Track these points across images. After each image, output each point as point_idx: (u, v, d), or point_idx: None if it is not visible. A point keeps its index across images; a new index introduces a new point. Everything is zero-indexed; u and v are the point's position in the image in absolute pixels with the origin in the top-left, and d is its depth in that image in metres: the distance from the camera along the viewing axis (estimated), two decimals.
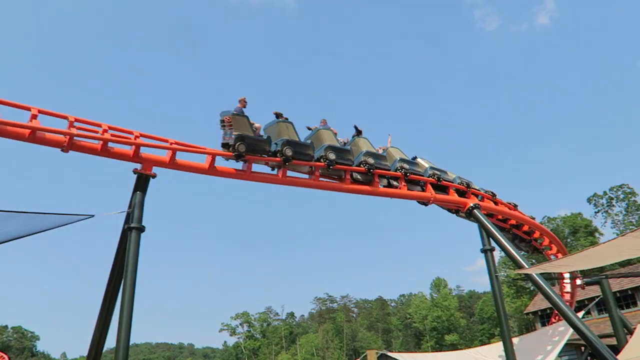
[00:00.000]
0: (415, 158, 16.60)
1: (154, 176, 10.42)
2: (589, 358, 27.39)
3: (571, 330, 17.46)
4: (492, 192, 17.98)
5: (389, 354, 30.70)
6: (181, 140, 11.23)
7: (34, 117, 9.13)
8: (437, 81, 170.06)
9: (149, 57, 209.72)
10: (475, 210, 15.68)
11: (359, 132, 15.04)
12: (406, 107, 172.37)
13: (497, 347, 18.67)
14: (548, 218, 66.21)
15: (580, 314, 18.91)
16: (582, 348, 26.78)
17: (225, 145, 11.52)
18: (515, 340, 16.73)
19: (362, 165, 13.90)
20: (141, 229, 9.79)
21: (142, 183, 10.24)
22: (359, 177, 14.11)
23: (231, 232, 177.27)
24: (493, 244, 15.47)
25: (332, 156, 13.02)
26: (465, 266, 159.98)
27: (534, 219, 19.54)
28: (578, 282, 20.72)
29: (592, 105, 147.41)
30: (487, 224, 15.41)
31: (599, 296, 23.49)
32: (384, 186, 14.82)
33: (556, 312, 22.25)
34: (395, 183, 15.03)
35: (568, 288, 21.52)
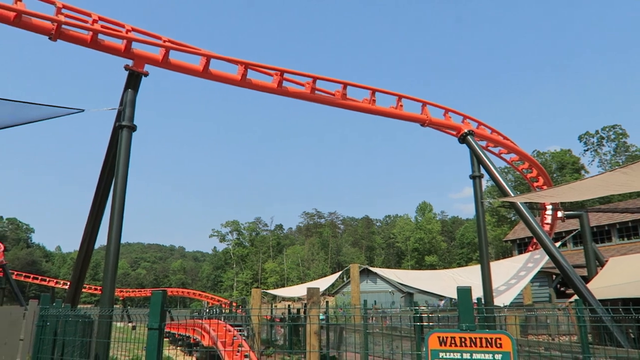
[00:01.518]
0: None
1: (146, 74, 10.12)
2: (559, 285, 28.92)
3: (546, 258, 18.24)
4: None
5: (371, 268, 32.16)
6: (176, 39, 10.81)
7: (16, 1, 8.64)
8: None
9: None
10: (468, 137, 15.67)
11: None
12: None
13: (475, 270, 19.55)
14: (538, 152, 66.85)
15: (558, 244, 19.61)
16: (554, 276, 28.15)
17: None
18: (492, 264, 17.47)
19: None
20: (132, 128, 9.68)
21: (133, 80, 9.96)
22: None
23: (227, 140, 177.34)
24: (482, 171, 15.67)
25: None
26: (451, 193, 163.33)
27: None
28: (559, 214, 21.31)
29: (595, 42, 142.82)
30: (478, 151, 15.48)
31: (576, 229, 24.29)
32: None
33: (534, 241, 23.11)
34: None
35: (549, 220, 22.19)
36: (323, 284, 29.31)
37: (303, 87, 12.66)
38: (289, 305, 29.39)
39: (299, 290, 32.98)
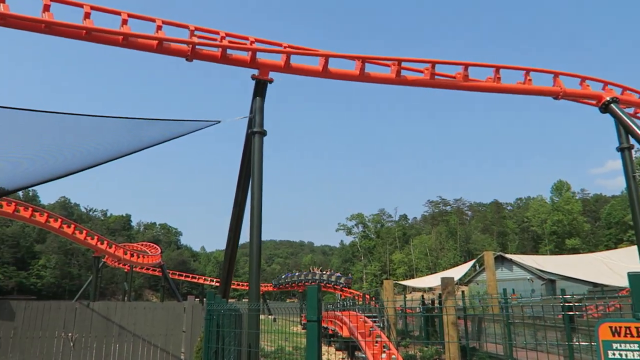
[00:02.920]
0: None
1: (271, 81, 10.67)
2: None
3: None
4: None
5: (506, 255, 30.44)
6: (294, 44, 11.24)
7: (159, 28, 9.64)
8: None
9: None
10: (612, 105, 14.04)
11: None
12: None
13: (631, 251, 17.49)
14: None
15: None
16: None
17: None
18: None
19: None
20: (263, 133, 10.28)
21: (260, 88, 10.56)
22: None
23: (348, 138, 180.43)
24: (632, 141, 13.94)
25: None
26: (592, 168, 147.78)
27: None
28: None
29: None
30: (626, 119, 13.79)
31: None
32: None
33: None
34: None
35: None
36: (455, 273, 28.52)
37: (422, 73, 12.38)
38: (422, 296, 29.05)
39: (430, 281, 32.45)
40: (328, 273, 53.67)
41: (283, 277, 58.29)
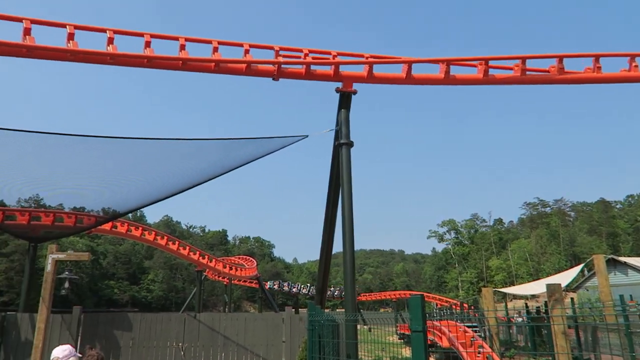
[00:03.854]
0: None
1: (354, 92, 10.78)
2: None
3: None
4: None
5: (620, 258, 27.79)
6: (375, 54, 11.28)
7: (247, 52, 10.15)
8: None
9: None
10: None
11: None
12: None
13: None
14: None
15: None
16: None
17: None
18: None
19: None
20: (350, 144, 10.40)
21: (345, 100, 10.71)
22: None
23: (434, 143, 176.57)
24: None
25: None
26: None
27: None
28: None
29: None
30: None
31: None
32: None
33: None
34: None
35: None
36: (561, 279, 26.57)
37: (511, 70, 11.83)
38: (525, 304, 27.41)
39: (533, 288, 30.52)
40: None
41: None
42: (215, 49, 9.97)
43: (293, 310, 14.74)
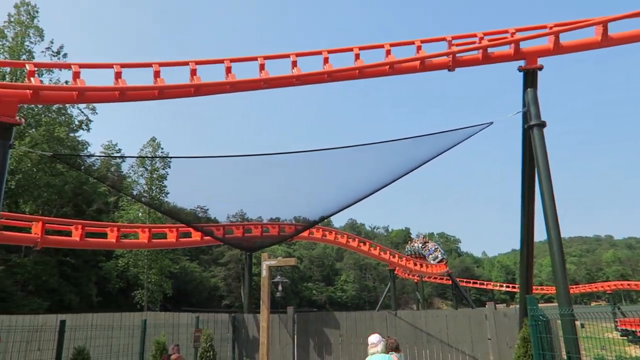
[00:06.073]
0: None
1: (540, 68, 9.94)
2: None
3: None
4: None
5: None
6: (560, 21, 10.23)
7: (419, 48, 10.13)
8: None
9: None
10: None
11: None
12: None
13: None
14: None
15: None
16: None
17: None
18: None
19: None
20: (542, 125, 9.61)
21: (530, 78, 9.94)
22: None
23: None
24: None
25: None
26: None
27: None
28: None
29: None
30: None
31: None
32: None
33: None
34: None
35: None
36: None
37: None
38: None
39: None
40: (429, 245, 48.19)
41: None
42: (388, 52, 10.18)
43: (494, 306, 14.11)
